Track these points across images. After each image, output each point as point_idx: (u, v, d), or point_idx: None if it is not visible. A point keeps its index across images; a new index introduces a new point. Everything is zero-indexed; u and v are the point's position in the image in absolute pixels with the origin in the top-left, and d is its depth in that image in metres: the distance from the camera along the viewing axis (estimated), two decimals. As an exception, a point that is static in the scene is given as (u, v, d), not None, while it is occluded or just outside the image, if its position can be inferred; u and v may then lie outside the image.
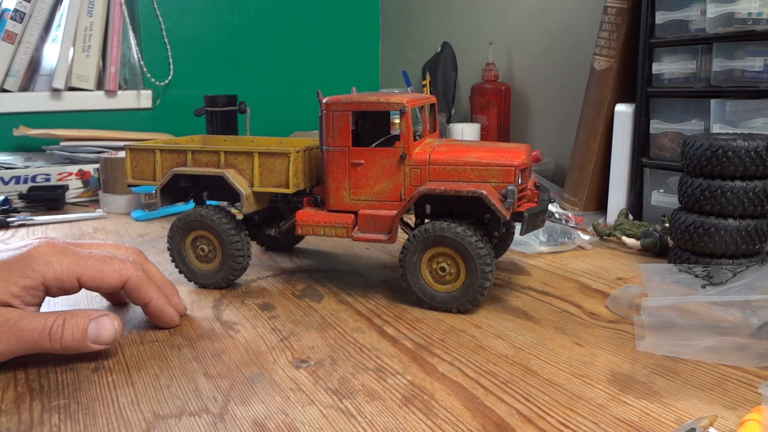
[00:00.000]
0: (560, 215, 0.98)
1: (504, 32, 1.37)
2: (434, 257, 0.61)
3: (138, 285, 0.56)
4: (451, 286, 0.61)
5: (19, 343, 0.49)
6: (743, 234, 0.68)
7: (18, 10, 1.35)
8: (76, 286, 0.53)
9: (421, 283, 0.62)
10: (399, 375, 0.50)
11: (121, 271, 0.54)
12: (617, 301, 0.64)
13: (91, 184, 1.24)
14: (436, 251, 0.61)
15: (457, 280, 0.61)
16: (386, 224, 0.63)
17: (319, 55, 1.72)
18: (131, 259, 0.56)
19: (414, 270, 0.62)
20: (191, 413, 0.44)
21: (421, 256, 0.62)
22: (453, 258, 0.61)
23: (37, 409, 0.45)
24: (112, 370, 0.51)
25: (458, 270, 0.61)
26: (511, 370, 0.50)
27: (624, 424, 0.42)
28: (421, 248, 0.61)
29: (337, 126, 0.64)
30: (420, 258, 0.62)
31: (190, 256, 0.70)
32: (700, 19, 0.83)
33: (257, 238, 0.84)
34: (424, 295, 0.62)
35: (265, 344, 0.56)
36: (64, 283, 0.52)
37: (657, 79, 0.90)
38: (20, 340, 0.48)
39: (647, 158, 0.93)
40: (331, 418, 0.43)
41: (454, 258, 0.61)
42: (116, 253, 0.57)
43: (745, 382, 0.48)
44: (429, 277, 0.62)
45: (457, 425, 0.42)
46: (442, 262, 0.61)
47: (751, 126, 0.79)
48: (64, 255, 0.53)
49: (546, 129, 1.30)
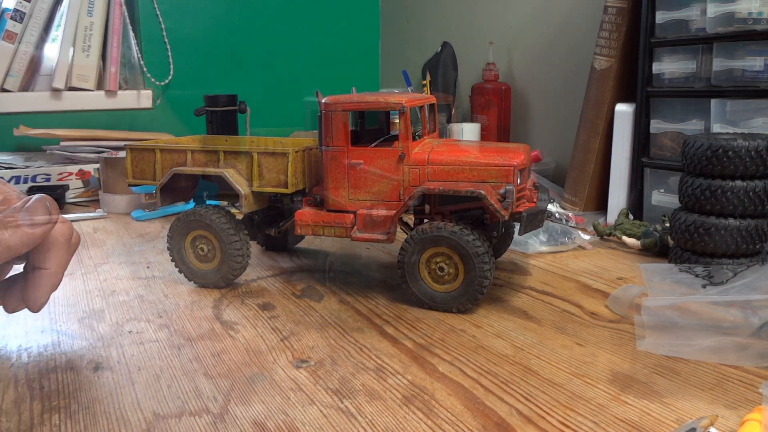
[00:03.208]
0: (560, 215, 0.98)
1: (504, 32, 1.37)
2: (432, 257, 0.61)
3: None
4: (450, 286, 0.61)
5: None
6: (743, 234, 0.68)
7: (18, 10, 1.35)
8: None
9: (421, 283, 0.62)
10: (399, 375, 0.49)
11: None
12: (618, 301, 0.64)
13: (91, 184, 1.24)
14: (435, 251, 0.61)
15: (456, 279, 0.61)
16: (385, 224, 0.63)
17: (319, 54, 1.72)
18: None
19: (413, 271, 0.62)
20: (191, 413, 0.44)
21: (420, 257, 0.62)
22: (451, 257, 0.61)
23: (37, 409, 0.45)
24: (112, 370, 0.51)
25: (456, 270, 0.61)
26: (511, 370, 0.50)
27: (624, 423, 0.42)
28: (419, 249, 0.61)
29: (335, 126, 0.64)
30: (418, 259, 0.62)
31: (189, 256, 0.70)
32: (701, 19, 0.83)
33: (257, 238, 0.84)
34: (424, 296, 0.62)
35: (265, 344, 0.56)
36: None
37: (657, 79, 0.90)
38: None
39: (647, 158, 0.93)
40: (332, 417, 0.43)
41: (452, 257, 0.61)
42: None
43: (746, 382, 0.47)
44: (428, 277, 0.62)
45: (458, 425, 0.42)
46: (440, 262, 0.61)
47: (751, 126, 0.79)
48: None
49: (546, 129, 1.30)
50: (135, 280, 0.74)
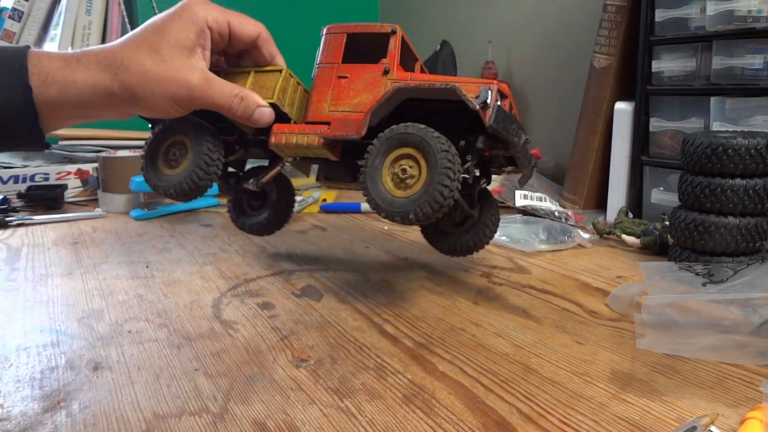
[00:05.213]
0: (560, 213, 0.98)
1: (503, 30, 1.37)
2: (397, 160, 0.58)
3: (270, 38, 0.63)
4: (411, 190, 0.57)
5: (209, 101, 0.57)
6: (743, 232, 0.68)
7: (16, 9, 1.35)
8: (226, 32, 0.60)
9: (380, 189, 0.58)
10: (399, 374, 0.49)
11: (256, 24, 0.62)
12: (617, 300, 0.64)
13: (89, 184, 1.24)
14: (400, 153, 0.58)
15: (418, 182, 0.57)
16: (357, 123, 0.62)
17: (317, 53, 1.72)
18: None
19: (375, 175, 0.59)
20: (191, 413, 0.44)
21: (384, 159, 0.59)
22: (416, 159, 0.57)
23: (36, 409, 0.45)
24: (111, 370, 0.51)
25: (420, 172, 0.57)
26: (511, 369, 0.50)
27: (625, 422, 0.42)
28: (384, 150, 0.58)
29: (331, 46, 0.66)
30: (382, 162, 0.59)
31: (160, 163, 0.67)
32: (700, 17, 0.83)
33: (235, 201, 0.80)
34: (383, 202, 0.58)
35: (265, 343, 0.56)
36: (220, 26, 0.59)
37: (657, 77, 0.90)
38: (210, 99, 0.57)
39: (647, 156, 0.93)
40: (332, 417, 0.43)
41: (416, 159, 0.57)
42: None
43: (746, 380, 0.47)
44: (390, 182, 0.59)
45: (458, 424, 0.42)
46: (404, 164, 0.58)
47: (750, 124, 0.79)
48: (212, 5, 0.59)
49: (545, 127, 1.30)
50: (134, 280, 0.74)
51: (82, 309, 0.65)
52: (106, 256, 0.84)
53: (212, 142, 0.65)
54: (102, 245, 0.90)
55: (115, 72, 0.52)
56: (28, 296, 0.69)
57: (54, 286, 0.72)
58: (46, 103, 0.50)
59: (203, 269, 0.77)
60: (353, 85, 0.64)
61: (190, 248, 0.87)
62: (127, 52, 0.53)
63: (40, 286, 0.72)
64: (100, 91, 0.52)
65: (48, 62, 0.50)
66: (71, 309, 0.65)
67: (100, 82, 0.52)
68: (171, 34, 0.55)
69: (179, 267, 0.78)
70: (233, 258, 0.82)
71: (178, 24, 0.55)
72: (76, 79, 0.51)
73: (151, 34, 0.55)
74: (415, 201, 0.56)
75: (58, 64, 0.51)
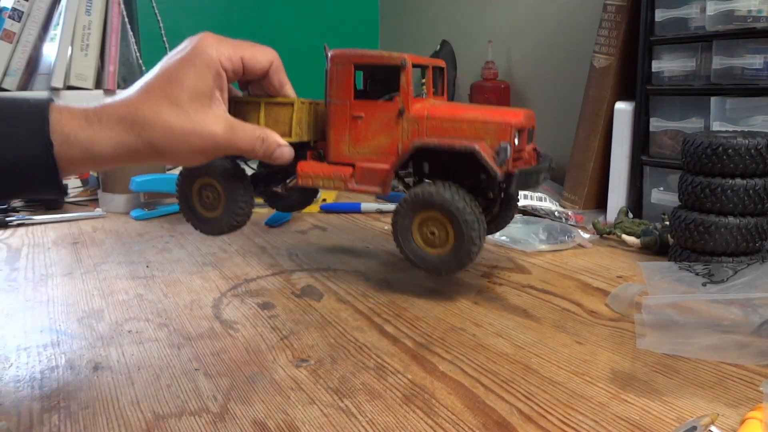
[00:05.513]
0: (560, 213, 0.98)
1: (503, 30, 1.37)
2: (425, 221, 0.62)
3: (281, 66, 0.62)
4: (441, 249, 0.62)
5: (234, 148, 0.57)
6: (743, 232, 0.68)
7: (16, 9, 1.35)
8: (240, 69, 0.58)
9: (413, 245, 0.63)
10: (399, 374, 0.49)
11: (268, 53, 0.61)
12: (617, 300, 0.64)
13: (89, 183, 1.24)
14: (427, 215, 0.62)
15: (446, 244, 0.62)
16: (381, 177, 0.64)
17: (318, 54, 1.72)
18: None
19: (406, 234, 0.63)
20: (191, 413, 0.44)
21: (413, 220, 0.62)
22: (442, 222, 0.61)
23: (36, 409, 0.45)
24: (111, 370, 0.51)
25: (447, 234, 0.61)
26: (511, 369, 0.50)
27: (625, 422, 0.42)
28: (412, 213, 0.62)
29: (340, 79, 0.65)
30: (411, 222, 0.63)
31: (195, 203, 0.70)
32: (700, 17, 0.83)
33: (264, 196, 0.82)
34: (415, 257, 0.63)
35: (265, 343, 0.56)
36: (234, 65, 0.57)
37: (657, 77, 0.90)
38: (235, 146, 0.57)
39: (647, 156, 0.93)
40: (332, 417, 0.43)
41: (443, 222, 0.61)
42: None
43: (746, 380, 0.47)
44: (420, 240, 0.63)
45: (458, 424, 0.42)
46: (431, 226, 0.62)
47: (751, 124, 0.79)
48: (223, 41, 0.57)
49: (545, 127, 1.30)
50: (134, 280, 0.74)
51: (82, 309, 0.65)
52: (106, 256, 0.84)
53: (243, 186, 0.68)
54: (102, 245, 0.90)
55: (139, 131, 0.51)
56: (28, 296, 0.69)
57: (54, 286, 0.72)
58: (68, 161, 0.49)
59: (203, 269, 0.77)
60: (370, 127, 0.64)
61: (190, 248, 0.87)
62: (148, 109, 0.52)
63: (40, 286, 0.72)
64: (124, 149, 0.52)
65: (70, 121, 0.49)
66: (71, 309, 0.65)
67: (124, 141, 0.51)
68: (188, 83, 0.53)
69: (179, 267, 0.78)
70: (233, 258, 0.82)
71: (192, 72, 0.54)
72: (99, 138, 0.50)
73: (168, 84, 0.53)
74: (446, 262, 0.62)
75: (80, 123, 0.50)
